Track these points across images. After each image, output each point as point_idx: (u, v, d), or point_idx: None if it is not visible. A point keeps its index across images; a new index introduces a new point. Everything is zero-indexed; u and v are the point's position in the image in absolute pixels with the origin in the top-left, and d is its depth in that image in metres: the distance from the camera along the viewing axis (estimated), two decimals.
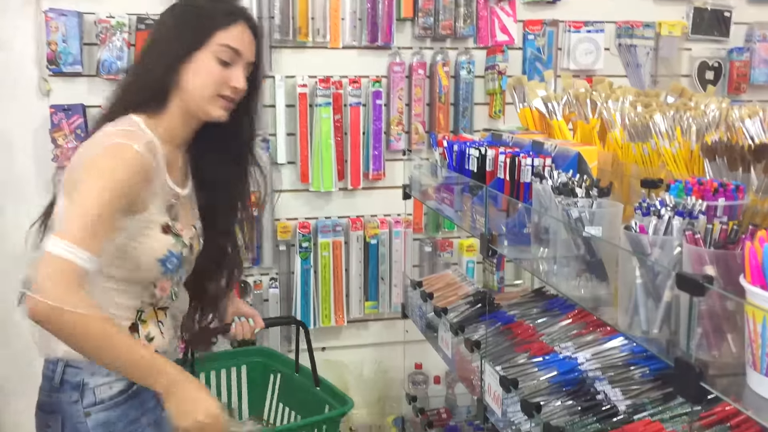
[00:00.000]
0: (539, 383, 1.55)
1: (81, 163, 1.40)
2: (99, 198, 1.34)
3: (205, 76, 1.50)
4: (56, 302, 1.26)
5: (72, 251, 1.28)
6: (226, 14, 1.54)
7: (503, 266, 3.14)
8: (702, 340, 1.00)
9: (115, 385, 1.49)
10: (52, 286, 1.28)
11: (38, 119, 2.76)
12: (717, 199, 1.24)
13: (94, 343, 1.33)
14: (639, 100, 1.90)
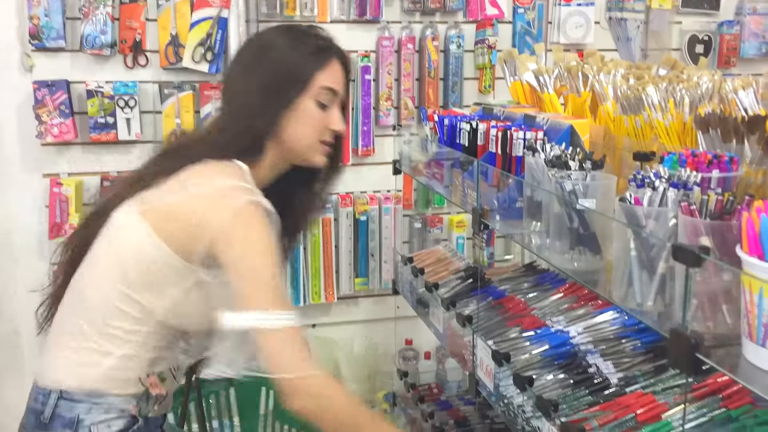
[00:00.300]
0: (531, 357, 1.55)
1: (222, 231, 1.30)
2: (264, 258, 1.30)
3: (308, 123, 1.42)
4: (311, 373, 1.27)
5: (280, 317, 1.26)
6: (320, 51, 1.44)
7: (493, 242, 3.14)
8: (697, 311, 0.99)
9: (114, 423, 1.36)
10: (299, 360, 1.27)
11: (21, 95, 2.72)
12: (711, 171, 1.24)
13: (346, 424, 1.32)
14: (631, 72, 1.88)
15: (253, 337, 1.27)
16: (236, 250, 1.30)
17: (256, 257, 1.29)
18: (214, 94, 2.83)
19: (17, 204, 2.79)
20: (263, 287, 1.28)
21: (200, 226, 1.31)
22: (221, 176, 1.35)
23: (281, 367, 1.26)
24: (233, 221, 1.30)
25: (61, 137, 2.69)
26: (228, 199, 1.31)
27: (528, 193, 1.48)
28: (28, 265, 2.80)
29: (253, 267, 1.29)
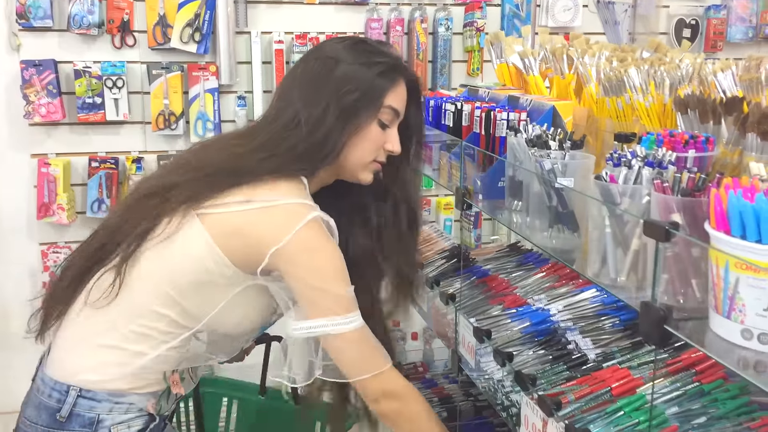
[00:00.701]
0: (512, 334, 1.58)
1: (282, 244, 1.29)
2: (334, 278, 1.32)
3: (367, 143, 1.38)
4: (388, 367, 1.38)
5: (349, 320, 1.31)
6: (390, 70, 1.39)
7: (480, 224, 3.17)
8: (668, 286, 1.02)
9: (134, 423, 1.34)
10: (373, 359, 1.36)
11: (8, 75, 2.72)
12: (687, 151, 1.26)
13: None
14: (615, 55, 1.90)
15: (321, 345, 1.35)
16: (301, 270, 1.31)
17: (326, 279, 1.32)
18: (202, 75, 2.84)
19: (5, 184, 2.80)
20: (331, 299, 1.32)
21: (261, 244, 1.29)
22: (287, 194, 1.33)
23: (360, 368, 1.34)
24: (296, 241, 1.29)
25: (49, 117, 2.69)
26: (291, 217, 1.30)
27: (510, 173, 1.50)
28: (17, 245, 2.81)
29: (321, 287, 1.31)
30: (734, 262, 0.87)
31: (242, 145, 1.39)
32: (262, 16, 2.92)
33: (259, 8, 2.92)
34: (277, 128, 1.38)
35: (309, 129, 1.35)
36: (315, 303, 1.32)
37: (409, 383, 1.46)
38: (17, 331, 2.87)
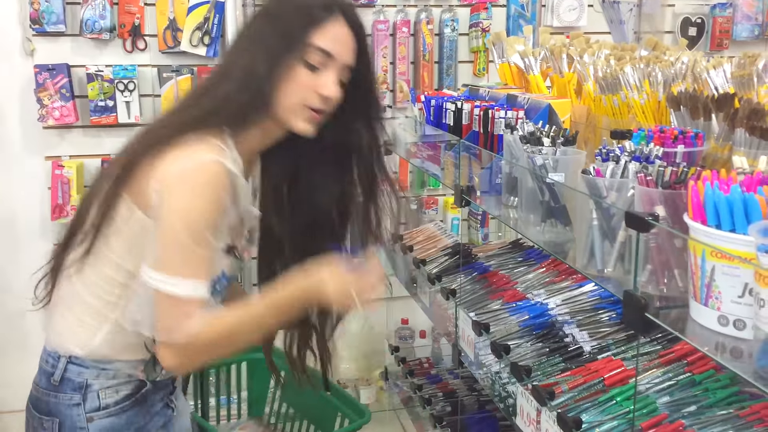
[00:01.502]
0: (510, 327, 1.61)
1: (166, 180, 1.25)
2: (193, 224, 1.23)
3: (292, 84, 1.30)
4: (184, 341, 1.23)
5: (178, 283, 1.22)
6: (321, 9, 1.31)
7: (488, 223, 3.19)
8: (652, 276, 1.05)
9: (122, 388, 1.38)
10: (173, 329, 1.23)
11: (23, 79, 2.78)
12: (676, 146, 1.29)
13: (232, 343, 1.30)
14: (613, 53, 1.93)
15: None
16: (170, 203, 1.24)
17: (184, 218, 1.23)
18: None
19: (20, 186, 2.86)
20: (175, 250, 1.23)
21: (155, 178, 1.27)
22: (196, 141, 1.28)
23: (159, 330, 1.25)
24: (180, 175, 1.25)
25: (62, 120, 2.75)
26: (183, 154, 1.26)
27: (506, 170, 1.54)
28: (31, 246, 2.87)
29: (175, 227, 1.23)
30: (710, 251, 0.90)
31: (178, 106, 1.40)
32: None
33: None
34: (208, 82, 1.38)
35: (235, 76, 1.32)
36: (161, 252, 1.25)
37: (204, 324, 1.25)
38: (33, 329, 2.93)
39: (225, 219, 1.30)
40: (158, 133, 1.33)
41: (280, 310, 1.31)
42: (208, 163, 1.25)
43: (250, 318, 1.30)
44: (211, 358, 1.32)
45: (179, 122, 1.33)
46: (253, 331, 1.33)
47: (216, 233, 1.27)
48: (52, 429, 1.37)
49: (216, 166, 1.25)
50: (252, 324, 1.31)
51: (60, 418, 1.37)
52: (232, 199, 1.30)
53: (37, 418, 1.39)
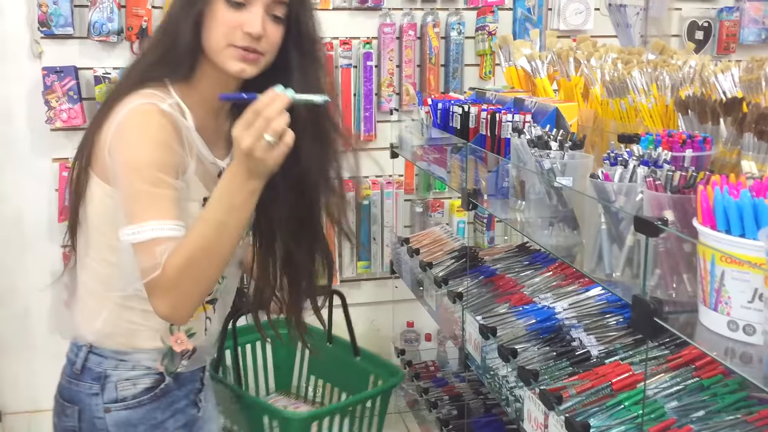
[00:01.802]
0: (517, 331, 1.61)
1: (109, 140, 1.27)
2: (140, 168, 1.22)
3: (216, 25, 1.26)
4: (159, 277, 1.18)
5: (142, 230, 1.19)
6: None
7: (493, 226, 3.19)
8: (661, 280, 1.05)
9: (140, 381, 1.38)
10: (145, 271, 1.19)
11: (31, 81, 2.79)
12: (684, 151, 1.29)
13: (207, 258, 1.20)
14: (620, 57, 1.93)
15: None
16: (116, 158, 1.25)
17: (132, 164, 1.23)
18: None
19: (27, 187, 2.87)
20: (132, 199, 1.22)
21: (104, 143, 1.28)
22: (136, 96, 1.28)
23: (143, 274, 1.21)
24: (119, 127, 1.25)
25: (70, 122, 2.76)
26: (120, 109, 1.26)
27: (513, 173, 1.54)
28: (39, 247, 2.88)
29: (124, 179, 1.23)
30: (720, 256, 0.90)
31: (123, 72, 1.40)
32: None
33: None
34: (148, 41, 1.41)
35: (167, 29, 1.32)
36: (125, 205, 1.24)
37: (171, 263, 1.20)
38: (39, 330, 2.94)
39: (174, 157, 1.26)
40: (108, 104, 1.32)
41: (228, 201, 1.21)
42: (138, 106, 1.25)
43: (206, 225, 1.22)
44: (199, 284, 1.22)
45: (123, 87, 1.32)
46: (220, 237, 1.21)
47: (169, 171, 1.24)
48: (73, 416, 1.39)
49: (146, 107, 1.25)
50: (214, 230, 1.21)
51: (80, 406, 1.38)
52: (177, 140, 1.27)
53: (61, 404, 1.41)
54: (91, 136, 1.34)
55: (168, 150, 1.25)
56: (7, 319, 2.94)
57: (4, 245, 2.90)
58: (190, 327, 1.41)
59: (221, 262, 1.25)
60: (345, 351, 2.10)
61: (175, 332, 1.40)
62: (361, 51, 3.03)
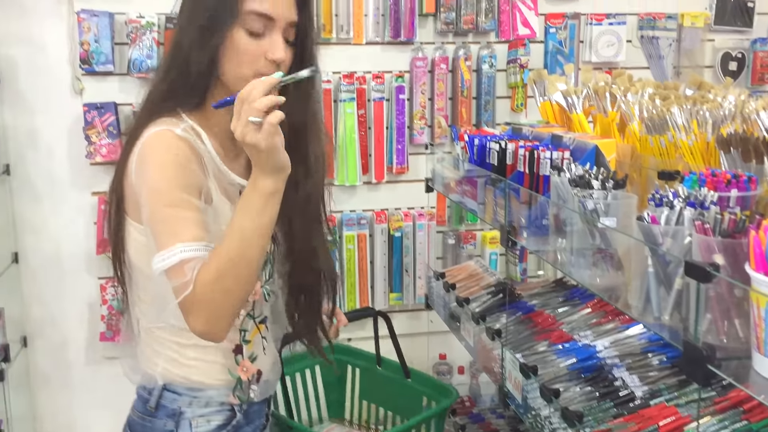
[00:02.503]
0: (558, 370, 1.60)
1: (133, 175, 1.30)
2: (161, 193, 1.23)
3: (239, 56, 1.28)
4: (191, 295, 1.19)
5: (171, 255, 1.20)
6: None
7: (526, 258, 3.18)
8: (711, 325, 1.04)
9: (214, 418, 1.41)
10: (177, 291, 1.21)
11: (72, 117, 2.85)
12: (729, 191, 1.28)
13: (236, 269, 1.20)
14: (657, 92, 1.93)
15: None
16: (141, 189, 1.27)
17: (155, 191, 1.24)
18: None
19: (67, 221, 2.92)
20: (158, 226, 1.24)
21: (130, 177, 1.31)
22: (152, 125, 1.30)
23: (176, 294, 1.22)
24: (138, 158, 1.28)
25: (109, 157, 2.82)
26: (140, 141, 1.29)
27: (553, 212, 1.54)
28: (77, 280, 2.93)
29: (149, 207, 1.25)
30: None
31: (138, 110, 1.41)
32: None
33: None
34: (157, 74, 1.39)
35: (179, 59, 1.31)
36: (154, 233, 1.25)
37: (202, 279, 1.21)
38: (76, 362, 2.98)
39: (195, 178, 1.27)
40: (128, 141, 1.34)
41: (247, 206, 1.22)
42: (153, 135, 1.27)
43: (230, 236, 1.22)
44: (231, 296, 1.22)
45: (139, 121, 1.34)
46: (244, 244, 1.21)
47: (192, 191, 1.25)
48: None
49: (161, 134, 1.27)
50: (237, 239, 1.21)
51: None
52: (196, 161, 1.28)
53: None
54: (119, 174, 1.36)
55: (188, 170, 1.27)
56: (45, 351, 2.98)
57: (43, 277, 2.95)
58: (252, 351, 1.44)
59: (251, 270, 1.24)
60: (396, 373, 2.06)
61: (240, 361, 1.42)
62: (393, 84, 3.06)
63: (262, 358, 1.48)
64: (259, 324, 1.47)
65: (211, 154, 1.35)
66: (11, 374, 2.64)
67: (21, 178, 2.87)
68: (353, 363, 2.22)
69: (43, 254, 2.93)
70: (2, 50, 2.79)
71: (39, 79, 2.83)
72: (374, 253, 3.14)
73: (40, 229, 2.90)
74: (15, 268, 2.89)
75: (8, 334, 2.66)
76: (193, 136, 1.31)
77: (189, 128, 1.32)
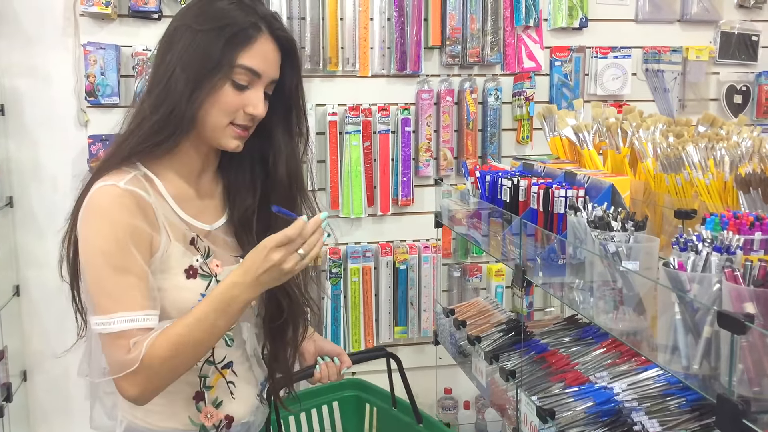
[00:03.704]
0: (576, 414, 1.56)
1: (78, 227, 1.29)
2: (104, 255, 1.21)
3: (219, 106, 1.29)
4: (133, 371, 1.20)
5: (111, 321, 1.21)
6: (249, 27, 1.28)
7: (532, 291, 3.15)
8: (743, 375, 1.01)
9: None
10: (118, 364, 1.21)
11: (76, 149, 2.84)
12: (753, 233, 1.26)
13: (185, 352, 1.23)
14: (670, 129, 1.91)
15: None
16: (81, 247, 1.26)
17: (91, 255, 1.23)
18: None
19: None
20: (97, 288, 1.22)
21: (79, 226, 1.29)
22: (103, 178, 1.27)
23: (110, 367, 1.24)
24: (82, 217, 1.26)
25: None
26: (87, 195, 1.27)
27: (570, 252, 1.51)
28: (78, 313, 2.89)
29: (88, 267, 1.24)
30: None
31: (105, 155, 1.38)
32: (317, 89, 3.02)
33: (314, 82, 3.01)
34: (132, 114, 1.35)
35: (155, 105, 1.28)
36: (90, 295, 1.24)
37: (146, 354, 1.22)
38: (76, 395, 2.93)
39: (140, 235, 1.25)
40: (85, 186, 1.32)
41: (224, 303, 1.23)
42: (98, 190, 1.25)
43: (197, 323, 1.23)
44: (176, 373, 1.26)
45: (102, 167, 1.30)
46: (208, 335, 1.25)
47: (135, 253, 1.23)
48: None
49: (104, 189, 1.24)
50: (203, 330, 1.23)
51: None
52: (141, 216, 1.25)
53: None
54: (72, 224, 1.34)
55: (131, 231, 1.24)
56: (46, 384, 2.93)
57: (44, 310, 2.91)
58: (215, 397, 1.40)
59: (203, 352, 1.30)
60: (409, 416, 2.00)
61: (202, 408, 1.39)
62: (399, 117, 3.06)
63: (231, 403, 1.43)
64: (222, 369, 1.41)
65: (166, 198, 1.33)
66: (11, 408, 2.59)
67: (24, 210, 2.84)
68: (372, 402, 2.15)
69: (44, 287, 2.89)
70: (7, 81, 2.78)
71: (44, 111, 2.82)
72: (379, 286, 3.11)
73: (42, 262, 2.87)
74: (16, 301, 2.86)
75: (9, 369, 2.61)
76: (143, 185, 1.28)
77: (140, 176, 1.29)
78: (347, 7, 2.97)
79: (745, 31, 3.32)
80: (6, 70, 2.78)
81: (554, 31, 3.21)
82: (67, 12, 2.78)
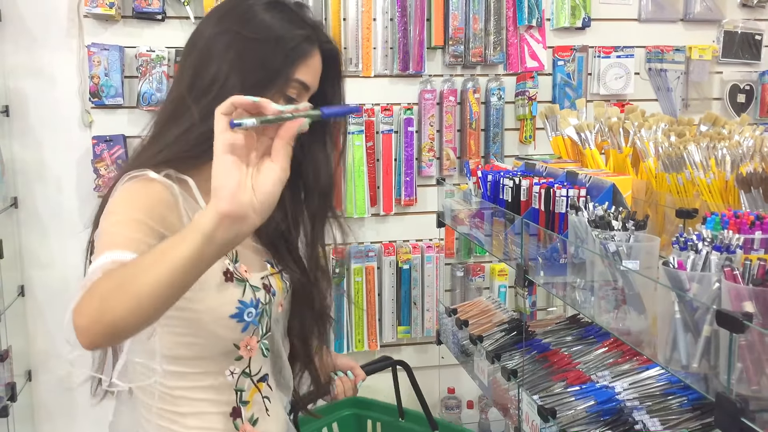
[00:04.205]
0: (577, 413, 1.56)
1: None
2: (121, 212, 1.13)
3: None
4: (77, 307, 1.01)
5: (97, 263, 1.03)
6: (304, 41, 1.24)
7: (535, 291, 3.15)
8: (742, 374, 1.01)
9: None
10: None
11: (81, 150, 2.86)
12: (754, 232, 1.26)
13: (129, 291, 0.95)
14: (672, 129, 1.92)
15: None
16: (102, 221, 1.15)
17: (108, 214, 1.14)
18: None
19: (74, 254, 2.90)
20: (99, 241, 1.11)
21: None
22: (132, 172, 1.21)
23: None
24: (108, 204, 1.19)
25: None
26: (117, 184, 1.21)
27: (571, 251, 1.52)
28: None
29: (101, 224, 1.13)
30: None
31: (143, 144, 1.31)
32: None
33: None
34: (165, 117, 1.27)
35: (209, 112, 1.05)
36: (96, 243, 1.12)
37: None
38: (81, 397, 2.94)
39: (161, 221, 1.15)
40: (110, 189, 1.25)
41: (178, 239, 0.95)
42: (128, 180, 1.19)
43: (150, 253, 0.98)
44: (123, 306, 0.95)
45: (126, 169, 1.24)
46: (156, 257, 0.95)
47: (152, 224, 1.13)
48: None
49: (136, 177, 1.18)
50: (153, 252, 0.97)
51: None
52: (168, 207, 1.18)
53: None
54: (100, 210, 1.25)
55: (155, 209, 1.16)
56: (50, 385, 2.94)
57: (49, 310, 2.93)
58: (251, 413, 1.35)
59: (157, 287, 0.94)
60: (421, 425, 1.94)
61: (239, 426, 1.33)
62: (402, 117, 3.06)
63: (266, 420, 1.37)
64: (258, 383, 1.36)
65: (192, 202, 1.25)
66: (15, 408, 2.60)
67: (29, 210, 2.86)
68: (373, 417, 2.09)
69: (49, 287, 2.91)
70: (12, 83, 2.80)
71: (48, 112, 2.84)
72: (382, 286, 3.12)
73: (46, 263, 2.89)
74: (21, 301, 2.87)
75: (14, 368, 2.63)
76: (171, 182, 1.21)
77: (168, 174, 1.23)
78: (350, 8, 2.97)
79: (748, 30, 3.32)
80: (10, 71, 2.79)
81: (557, 30, 3.21)
82: (71, 13, 2.79)
